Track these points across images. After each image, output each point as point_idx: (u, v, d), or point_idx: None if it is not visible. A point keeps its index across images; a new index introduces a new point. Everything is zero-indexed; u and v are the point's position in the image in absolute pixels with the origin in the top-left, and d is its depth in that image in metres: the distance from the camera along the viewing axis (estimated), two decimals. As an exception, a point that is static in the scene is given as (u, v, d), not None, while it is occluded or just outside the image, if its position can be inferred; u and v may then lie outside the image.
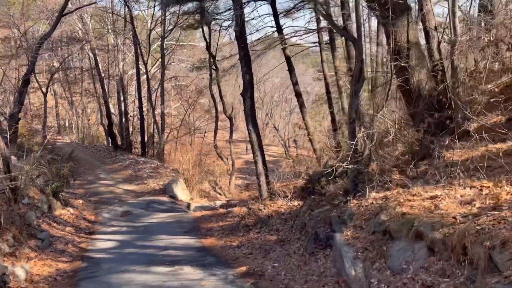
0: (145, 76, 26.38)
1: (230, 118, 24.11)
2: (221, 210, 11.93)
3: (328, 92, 18.27)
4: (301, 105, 19.71)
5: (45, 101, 26.03)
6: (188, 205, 15.65)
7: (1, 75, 16.28)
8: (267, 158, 41.37)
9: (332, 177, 6.81)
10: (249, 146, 40.14)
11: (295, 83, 19.79)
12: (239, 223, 9.43)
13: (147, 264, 7.78)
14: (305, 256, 6.20)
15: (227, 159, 24.23)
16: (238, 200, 12.86)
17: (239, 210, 10.99)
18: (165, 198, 15.84)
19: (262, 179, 10.96)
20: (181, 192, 16.23)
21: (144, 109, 26.02)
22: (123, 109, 26.11)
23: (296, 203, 9.84)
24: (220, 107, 25.38)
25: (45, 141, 16.99)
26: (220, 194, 21.03)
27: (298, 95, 19.78)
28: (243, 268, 6.68)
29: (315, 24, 18.12)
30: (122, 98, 26.16)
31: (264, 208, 9.55)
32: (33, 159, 11.68)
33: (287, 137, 32.46)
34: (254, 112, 11.17)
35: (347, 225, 5.45)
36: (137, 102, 29.43)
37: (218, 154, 23.91)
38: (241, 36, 11.08)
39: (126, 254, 9.01)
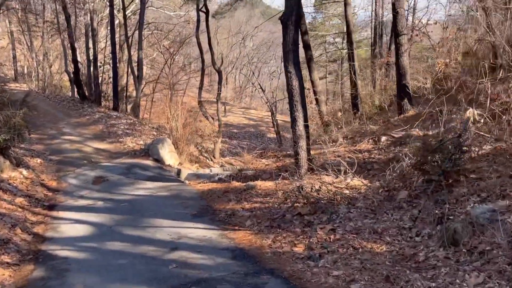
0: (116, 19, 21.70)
1: (218, 72, 20.11)
2: (236, 184, 8.34)
3: (350, 41, 14.66)
4: (309, 60, 16.01)
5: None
6: (179, 172, 11.92)
7: None
8: (246, 121, 37.48)
9: None
10: (228, 108, 35.99)
11: (304, 32, 16.00)
12: (287, 209, 5.89)
13: (153, 286, 4.18)
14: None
15: (212, 118, 20.47)
16: (255, 170, 9.30)
17: (270, 187, 7.42)
18: (148, 162, 12.00)
19: (302, 144, 7.37)
20: (169, 155, 12.42)
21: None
22: (91, 55, 21.41)
23: (364, 182, 6.41)
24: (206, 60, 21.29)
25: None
26: (208, 159, 17.36)
27: (306, 47, 16.00)
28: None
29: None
30: (90, 43, 21.41)
31: (320, 188, 6.06)
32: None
33: (272, 100, 28.74)
34: (298, 48, 7.44)
35: None
36: (106, 50, 24.77)
37: (204, 113, 20.01)
38: None
39: (110, 255, 5.30)
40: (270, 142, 30.88)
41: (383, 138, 8.88)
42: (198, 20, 19.72)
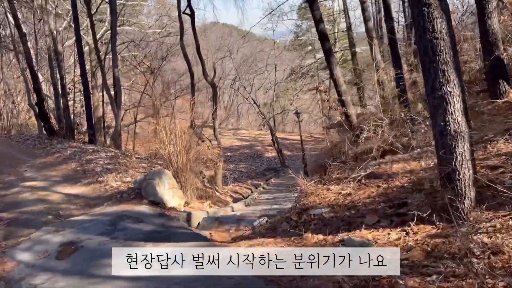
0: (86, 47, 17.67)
1: (212, 85, 16.32)
2: (315, 238, 4.40)
3: (390, 18, 11.02)
4: (328, 52, 12.31)
5: None
6: (188, 217, 7.86)
7: None
8: (239, 143, 33.24)
9: None
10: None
11: (318, 20, 12.37)
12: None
13: None
14: None
15: (210, 141, 16.56)
16: (331, 206, 5.28)
17: (394, 243, 3.51)
18: (143, 208, 7.91)
19: (464, 149, 3.54)
20: (171, 193, 8.36)
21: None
22: (58, 83, 17.22)
23: None
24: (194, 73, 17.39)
25: None
26: (215, 191, 13.31)
27: (323, 37, 12.31)
28: None
29: None
30: (56, 69, 17.28)
31: None
32: None
33: (269, 116, 24.91)
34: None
35: None
36: (76, 79, 20.62)
37: (198, 136, 15.99)
38: None
39: None
40: (270, 162, 27.03)
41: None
42: (182, 27, 15.96)
